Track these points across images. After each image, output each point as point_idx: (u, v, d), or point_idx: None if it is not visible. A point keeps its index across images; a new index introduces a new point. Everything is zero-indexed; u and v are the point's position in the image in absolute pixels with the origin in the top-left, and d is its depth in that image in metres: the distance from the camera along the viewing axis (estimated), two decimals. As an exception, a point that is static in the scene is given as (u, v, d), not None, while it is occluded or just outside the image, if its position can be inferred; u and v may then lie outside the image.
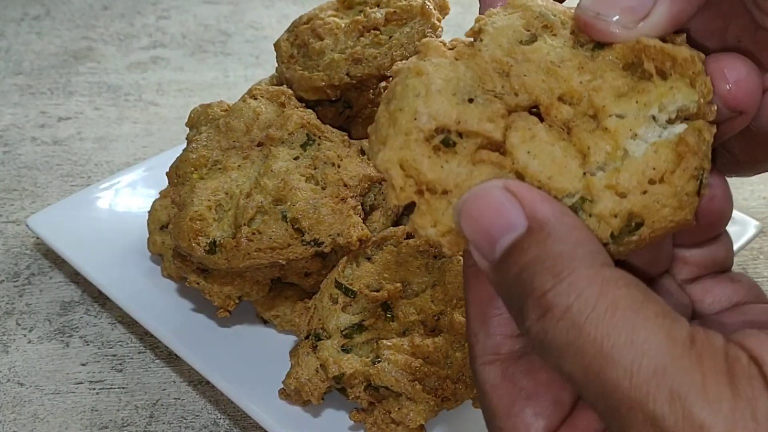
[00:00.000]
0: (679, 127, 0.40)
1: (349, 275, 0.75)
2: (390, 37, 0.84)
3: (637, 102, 0.41)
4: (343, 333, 0.73)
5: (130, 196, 1.02)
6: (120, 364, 0.87)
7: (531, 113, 0.42)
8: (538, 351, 0.37)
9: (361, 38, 0.85)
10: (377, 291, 0.73)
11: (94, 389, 0.84)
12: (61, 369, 0.86)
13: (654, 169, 0.40)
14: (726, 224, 0.46)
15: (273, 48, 0.93)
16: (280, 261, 0.75)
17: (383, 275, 0.74)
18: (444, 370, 0.70)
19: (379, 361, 0.70)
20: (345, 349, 0.72)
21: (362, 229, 0.76)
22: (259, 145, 0.81)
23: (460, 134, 0.41)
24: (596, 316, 0.34)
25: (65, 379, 0.85)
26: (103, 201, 1.00)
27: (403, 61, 0.43)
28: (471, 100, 0.41)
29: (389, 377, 0.69)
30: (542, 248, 0.37)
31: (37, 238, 0.98)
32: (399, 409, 0.70)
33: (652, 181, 0.40)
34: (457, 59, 0.42)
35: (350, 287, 0.74)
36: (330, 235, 0.75)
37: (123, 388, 0.84)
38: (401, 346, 0.70)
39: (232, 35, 1.53)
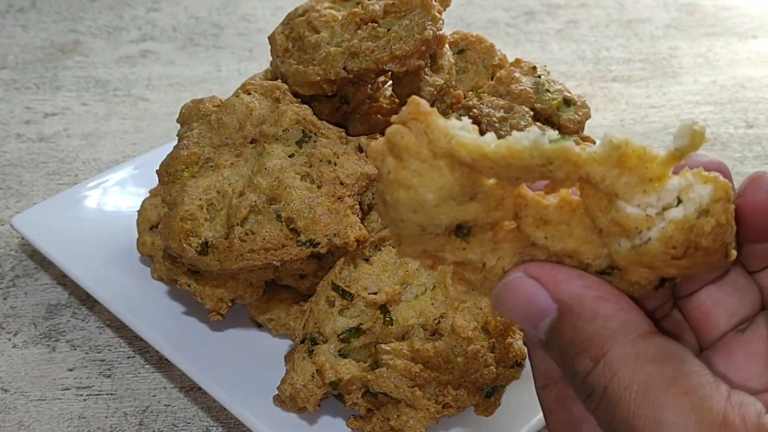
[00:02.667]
0: (699, 195, 0.40)
1: (346, 277, 0.74)
2: (388, 30, 0.84)
3: (651, 180, 0.40)
4: (340, 337, 0.73)
5: (119, 195, 1.01)
6: (108, 369, 0.87)
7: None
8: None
9: (359, 31, 0.85)
10: (375, 293, 0.73)
11: (82, 395, 0.84)
12: (47, 374, 0.86)
13: (674, 248, 0.40)
14: None
15: (267, 41, 0.93)
16: (275, 262, 0.75)
17: (381, 277, 0.74)
18: (445, 376, 0.70)
19: (377, 367, 0.70)
20: (342, 354, 0.72)
21: (360, 230, 0.76)
22: (253, 142, 0.81)
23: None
24: (628, 397, 0.37)
25: (51, 385, 0.85)
26: (90, 200, 1.00)
27: (378, 150, 0.40)
28: (472, 198, 0.41)
29: (388, 383, 0.69)
30: (575, 330, 0.40)
31: (22, 238, 0.98)
32: (398, 416, 0.70)
33: (676, 258, 0.40)
34: (434, 157, 0.39)
35: (347, 289, 0.74)
36: (326, 236, 0.75)
37: (111, 394, 0.84)
38: (400, 350, 0.70)
39: (225, 28, 1.52)
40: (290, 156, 0.79)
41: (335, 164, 0.78)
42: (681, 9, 1.63)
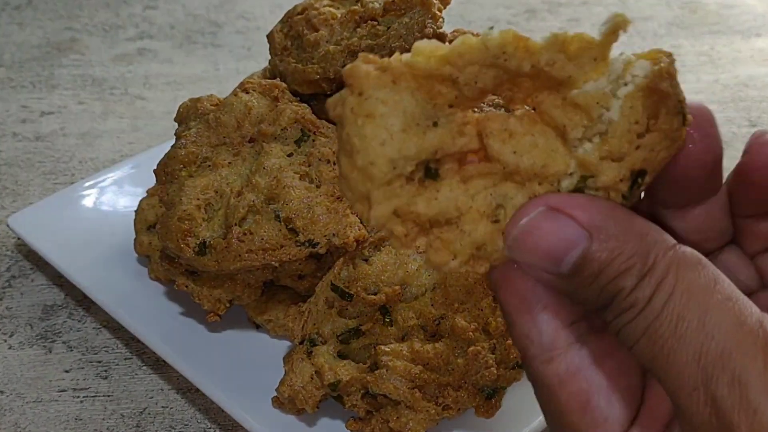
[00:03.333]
0: (642, 68, 0.42)
1: (346, 277, 0.74)
2: (388, 28, 0.84)
3: (594, 60, 0.42)
4: (340, 338, 0.73)
5: (116, 194, 1.01)
6: (105, 370, 0.87)
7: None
8: (617, 335, 0.41)
9: (358, 29, 0.85)
10: (375, 294, 0.73)
11: (78, 397, 0.84)
12: (44, 376, 0.86)
13: (637, 123, 0.42)
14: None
15: (266, 39, 0.93)
16: (273, 263, 0.75)
17: (381, 277, 0.74)
18: (445, 377, 0.70)
19: (376, 368, 0.70)
20: (341, 355, 0.72)
21: (359, 229, 0.76)
22: (251, 141, 0.81)
23: (437, 159, 0.42)
24: (673, 301, 0.38)
25: (48, 387, 0.85)
26: (87, 200, 1.00)
27: (337, 98, 0.41)
28: (435, 124, 0.41)
29: (387, 384, 0.69)
30: (612, 251, 0.40)
31: (18, 238, 0.98)
32: (398, 418, 0.70)
33: (640, 135, 0.42)
34: (394, 82, 0.40)
35: (346, 290, 0.74)
36: (325, 236, 0.75)
37: (108, 396, 0.84)
38: (400, 351, 0.70)
39: (223, 26, 1.52)
40: (289, 155, 0.79)
41: (334, 163, 0.78)
42: (684, 7, 1.63)
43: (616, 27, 0.43)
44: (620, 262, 0.39)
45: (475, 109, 0.43)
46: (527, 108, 0.43)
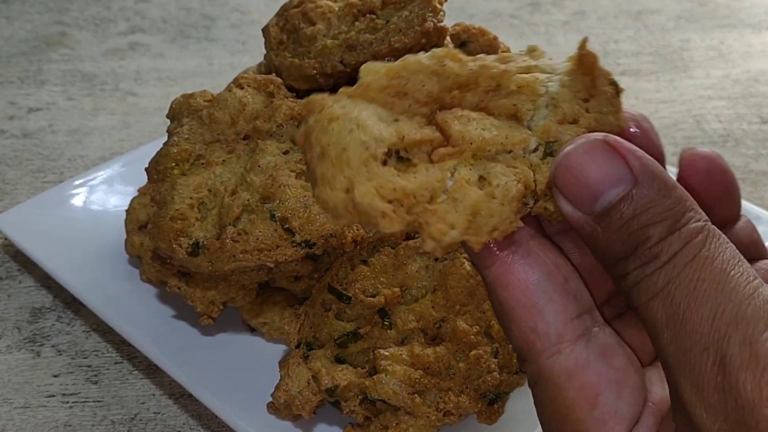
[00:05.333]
0: (564, 62, 0.47)
1: (343, 279, 0.74)
2: (387, 22, 0.84)
3: (529, 56, 0.48)
4: (337, 342, 0.73)
5: (106, 193, 1.01)
6: (95, 375, 0.87)
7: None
8: (630, 293, 0.42)
9: (356, 23, 0.85)
10: (373, 296, 0.73)
11: (67, 403, 0.84)
12: (32, 381, 0.86)
13: (579, 90, 0.46)
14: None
15: (261, 33, 0.93)
16: (268, 264, 0.75)
17: (380, 279, 0.74)
18: (446, 382, 0.70)
19: (375, 373, 0.70)
20: (339, 360, 0.72)
21: (357, 229, 0.76)
22: (246, 138, 0.81)
23: (405, 149, 0.44)
24: (696, 262, 0.40)
25: (36, 392, 0.85)
26: (76, 199, 1.00)
27: (298, 130, 0.45)
28: (396, 120, 0.45)
29: (387, 390, 0.69)
30: (652, 201, 0.41)
31: (5, 239, 0.98)
32: (397, 424, 0.70)
33: (585, 100, 0.46)
34: (350, 98, 0.44)
35: (344, 292, 0.74)
36: (322, 236, 0.75)
37: (98, 401, 0.84)
38: (400, 356, 0.70)
39: (217, 19, 1.52)
40: (285, 153, 0.79)
41: (332, 161, 0.78)
42: (693, 0, 1.63)
43: (533, 50, 0.49)
44: (655, 212, 0.41)
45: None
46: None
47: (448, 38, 0.89)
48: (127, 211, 0.90)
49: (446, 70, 0.45)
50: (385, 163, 0.43)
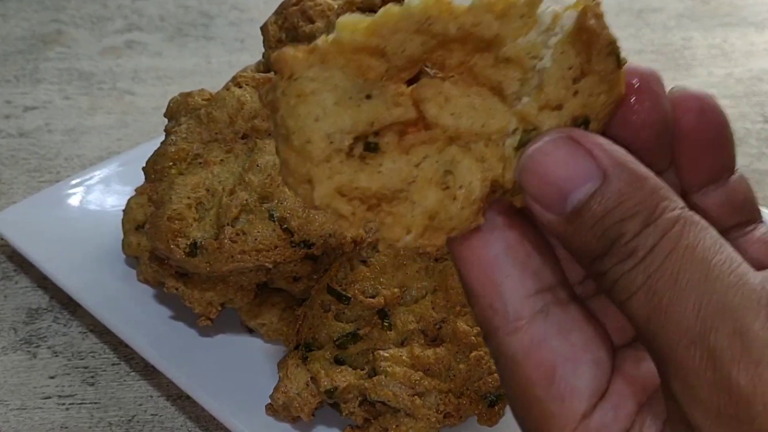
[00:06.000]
0: (570, 17, 0.43)
1: (343, 280, 0.74)
2: (387, 20, 0.84)
3: (521, 17, 0.43)
4: (336, 343, 0.73)
5: (103, 193, 1.01)
6: (92, 377, 0.87)
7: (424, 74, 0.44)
8: (608, 290, 0.40)
9: (356, 21, 0.85)
10: (373, 297, 0.73)
11: (64, 405, 0.84)
12: (28, 382, 0.86)
13: (570, 68, 0.42)
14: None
15: (259, 31, 0.93)
16: (267, 264, 0.75)
17: (380, 280, 0.74)
18: (446, 384, 0.70)
19: (375, 374, 0.70)
20: (338, 361, 0.72)
21: (357, 230, 0.76)
22: (244, 137, 0.81)
23: (375, 133, 0.42)
24: (676, 254, 0.38)
25: (32, 394, 0.84)
26: (73, 199, 1.00)
27: (268, 86, 0.42)
28: (369, 96, 0.42)
29: (386, 391, 0.69)
30: (622, 196, 0.40)
31: (1, 239, 0.98)
32: (397, 426, 0.70)
33: (576, 80, 0.43)
34: (323, 62, 0.41)
35: (344, 293, 0.74)
36: (321, 236, 0.75)
37: (95, 403, 0.84)
38: (399, 357, 0.70)
39: (215, 17, 1.52)
40: (283, 152, 0.79)
41: (331, 161, 0.78)
42: (695, -2, 1.63)
43: None
44: (627, 206, 0.40)
45: (408, 84, 0.44)
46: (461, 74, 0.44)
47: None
48: (124, 211, 0.90)
49: (431, 29, 0.42)
50: (351, 150, 0.42)
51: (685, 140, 0.45)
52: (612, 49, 0.43)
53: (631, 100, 0.44)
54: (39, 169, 1.15)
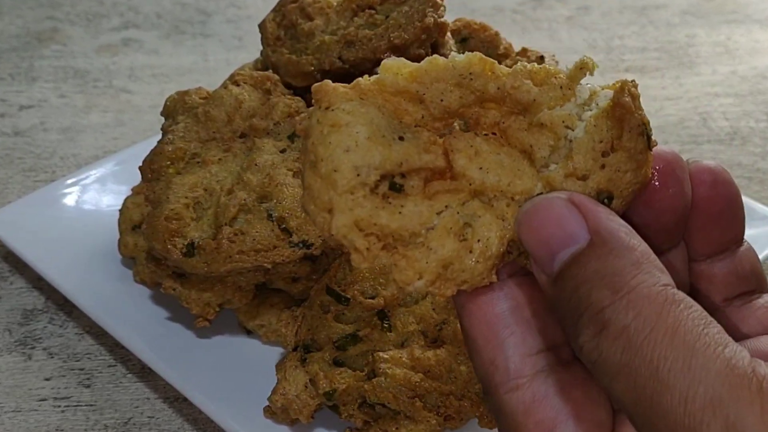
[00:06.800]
0: (606, 96, 0.45)
1: (342, 280, 0.74)
2: (387, 17, 0.84)
3: (561, 88, 0.45)
4: (336, 344, 0.73)
5: (99, 192, 1.01)
6: (88, 378, 0.87)
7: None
8: (591, 369, 0.39)
9: (355, 18, 0.85)
10: (373, 298, 0.73)
11: (59, 407, 0.84)
12: (23, 384, 0.86)
13: (601, 141, 0.44)
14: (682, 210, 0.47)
15: (257, 29, 0.93)
16: (266, 265, 0.75)
17: (379, 280, 0.74)
18: (447, 386, 0.70)
19: (374, 376, 0.70)
20: (337, 363, 0.72)
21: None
22: (242, 136, 0.81)
23: (402, 174, 0.43)
24: (654, 338, 0.37)
25: (27, 396, 0.85)
26: (69, 198, 1.00)
27: (304, 116, 0.44)
28: (401, 138, 0.43)
29: (386, 393, 0.69)
30: (603, 263, 0.39)
31: (-4, 239, 0.98)
32: (397, 428, 0.70)
33: (605, 153, 0.44)
34: (362, 97, 0.43)
35: (343, 294, 0.74)
36: (320, 236, 0.75)
37: (91, 405, 0.84)
38: (399, 358, 0.70)
39: (213, 15, 1.52)
40: (282, 151, 0.79)
41: (330, 160, 0.78)
42: (699, -6, 1.63)
43: (583, 65, 0.45)
44: (602, 274, 0.39)
45: (441, 135, 0.45)
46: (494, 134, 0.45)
47: (448, 34, 0.89)
48: (120, 210, 0.90)
49: (472, 85, 0.44)
50: (375, 187, 0.42)
51: (697, 211, 0.45)
52: (643, 130, 0.44)
53: (655, 184, 0.45)
54: (34, 169, 1.15)
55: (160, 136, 0.84)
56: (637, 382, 0.37)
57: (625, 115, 0.43)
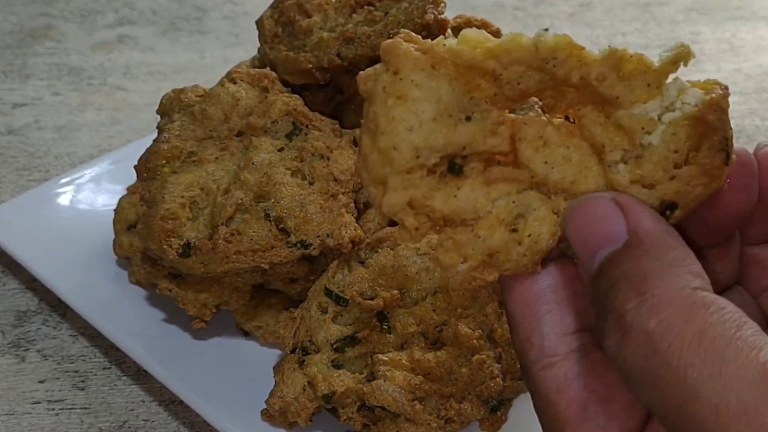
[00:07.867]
0: (693, 96, 0.42)
1: (340, 281, 0.74)
2: (386, 14, 0.84)
3: (648, 86, 0.42)
4: (334, 346, 0.73)
5: (94, 192, 1.01)
6: (82, 381, 0.87)
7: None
8: (619, 372, 0.39)
9: (354, 15, 0.85)
10: (372, 299, 0.73)
11: (53, 410, 0.84)
12: (16, 387, 0.86)
13: (676, 152, 0.42)
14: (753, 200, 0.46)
15: (255, 26, 0.93)
16: (263, 265, 0.75)
17: (378, 281, 0.74)
18: (447, 388, 0.70)
19: (374, 378, 0.70)
20: (336, 365, 0.72)
21: (355, 230, 0.76)
22: (239, 134, 0.81)
23: (463, 156, 0.42)
24: (680, 345, 0.36)
25: (21, 398, 0.84)
26: (63, 198, 1.00)
27: (370, 73, 0.42)
28: (468, 118, 0.42)
29: (386, 396, 0.69)
30: (634, 264, 0.39)
31: (-11, 239, 0.98)
32: (397, 431, 0.70)
33: (677, 165, 0.42)
34: (434, 67, 0.41)
35: (341, 295, 0.74)
36: (318, 236, 0.75)
37: (86, 408, 0.84)
38: (399, 360, 0.70)
39: (209, 11, 1.52)
40: (280, 150, 0.79)
41: (328, 159, 0.78)
42: (703, -9, 1.63)
43: (677, 58, 0.43)
44: (631, 277, 0.39)
45: (512, 111, 0.44)
46: (567, 119, 0.44)
47: (449, 31, 0.89)
48: (115, 210, 0.90)
49: (554, 71, 0.42)
50: (434, 167, 0.42)
51: (761, 199, 0.45)
52: (724, 146, 0.42)
53: (724, 188, 0.44)
54: (28, 168, 1.15)
55: (155, 135, 0.84)
56: (663, 391, 0.36)
57: (706, 131, 0.42)
